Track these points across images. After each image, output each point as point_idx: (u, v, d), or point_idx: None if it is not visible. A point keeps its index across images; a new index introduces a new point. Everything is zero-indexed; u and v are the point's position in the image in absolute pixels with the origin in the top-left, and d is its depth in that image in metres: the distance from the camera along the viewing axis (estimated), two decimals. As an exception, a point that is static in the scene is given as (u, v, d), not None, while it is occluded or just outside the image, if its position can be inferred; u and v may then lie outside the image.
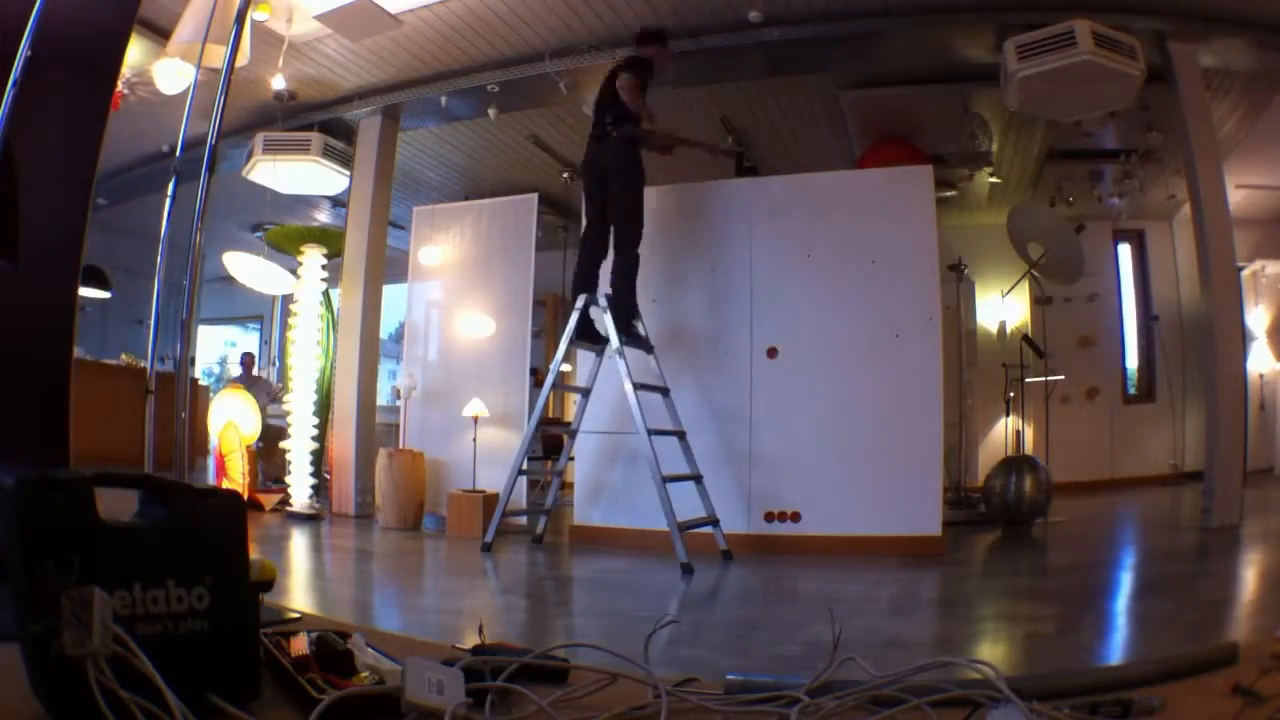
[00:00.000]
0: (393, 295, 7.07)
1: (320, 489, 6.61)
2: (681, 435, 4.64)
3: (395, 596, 3.57)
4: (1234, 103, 6.15)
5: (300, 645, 1.06)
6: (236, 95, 5.82)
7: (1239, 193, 7.10)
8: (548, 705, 0.95)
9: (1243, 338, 5.58)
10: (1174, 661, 1.06)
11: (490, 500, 5.50)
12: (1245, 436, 5.11)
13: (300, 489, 6.42)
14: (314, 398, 6.68)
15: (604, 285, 4.70)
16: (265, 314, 11.68)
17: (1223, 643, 1.11)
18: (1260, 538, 4.61)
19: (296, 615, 1.48)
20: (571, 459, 5.26)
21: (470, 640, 1.24)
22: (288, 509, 6.27)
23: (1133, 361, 9.20)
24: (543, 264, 6.77)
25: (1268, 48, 5.14)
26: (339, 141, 6.46)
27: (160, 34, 4.70)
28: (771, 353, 4.89)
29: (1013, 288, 7.22)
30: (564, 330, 4.73)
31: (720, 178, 5.47)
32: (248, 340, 12.41)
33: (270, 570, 1.03)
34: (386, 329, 7.83)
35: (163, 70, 4.83)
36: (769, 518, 4.76)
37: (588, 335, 4.74)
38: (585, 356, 5.20)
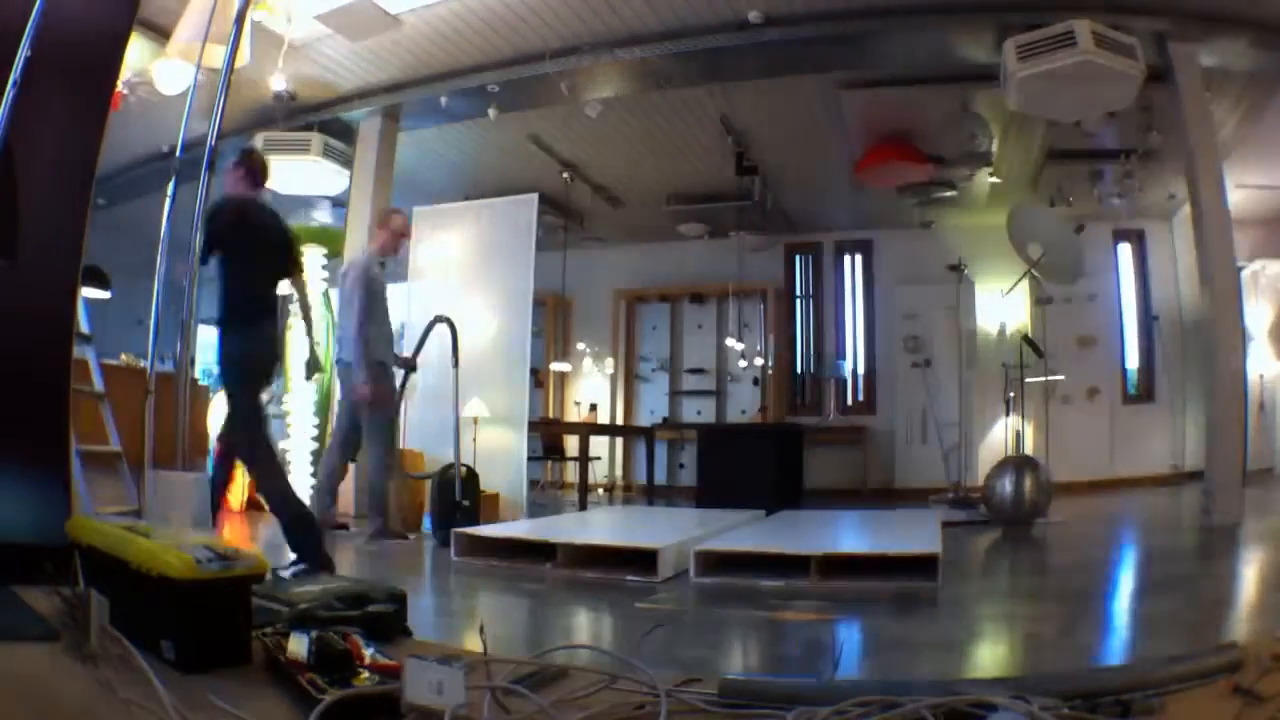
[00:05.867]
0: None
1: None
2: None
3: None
4: (1234, 103, 6.15)
5: (300, 645, 1.06)
6: (236, 95, 5.80)
7: (1239, 193, 7.09)
8: (548, 705, 0.95)
9: (1242, 338, 5.57)
10: (1174, 662, 1.06)
11: (490, 501, 5.50)
12: (1245, 436, 5.11)
13: (300, 490, 6.41)
14: (314, 398, 6.68)
15: None
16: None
17: (1223, 643, 1.11)
18: (1260, 538, 4.61)
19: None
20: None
21: (470, 641, 1.25)
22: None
23: (1133, 361, 9.19)
24: (543, 264, 6.76)
25: (1268, 48, 5.14)
26: (339, 141, 6.46)
27: (160, 34, 4.70)
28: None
29: (1013, 288, 7.21)
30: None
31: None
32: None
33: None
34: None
35: (163, 70, 4.83)
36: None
37: None
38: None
